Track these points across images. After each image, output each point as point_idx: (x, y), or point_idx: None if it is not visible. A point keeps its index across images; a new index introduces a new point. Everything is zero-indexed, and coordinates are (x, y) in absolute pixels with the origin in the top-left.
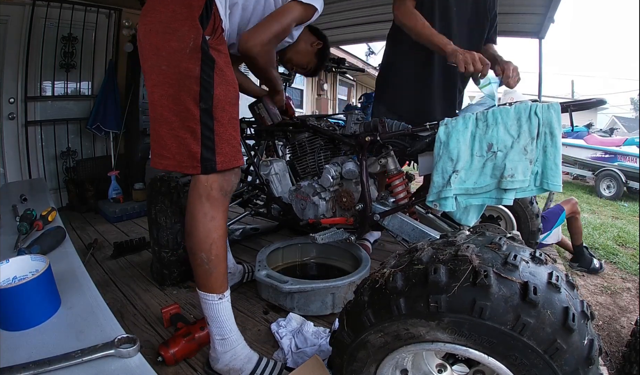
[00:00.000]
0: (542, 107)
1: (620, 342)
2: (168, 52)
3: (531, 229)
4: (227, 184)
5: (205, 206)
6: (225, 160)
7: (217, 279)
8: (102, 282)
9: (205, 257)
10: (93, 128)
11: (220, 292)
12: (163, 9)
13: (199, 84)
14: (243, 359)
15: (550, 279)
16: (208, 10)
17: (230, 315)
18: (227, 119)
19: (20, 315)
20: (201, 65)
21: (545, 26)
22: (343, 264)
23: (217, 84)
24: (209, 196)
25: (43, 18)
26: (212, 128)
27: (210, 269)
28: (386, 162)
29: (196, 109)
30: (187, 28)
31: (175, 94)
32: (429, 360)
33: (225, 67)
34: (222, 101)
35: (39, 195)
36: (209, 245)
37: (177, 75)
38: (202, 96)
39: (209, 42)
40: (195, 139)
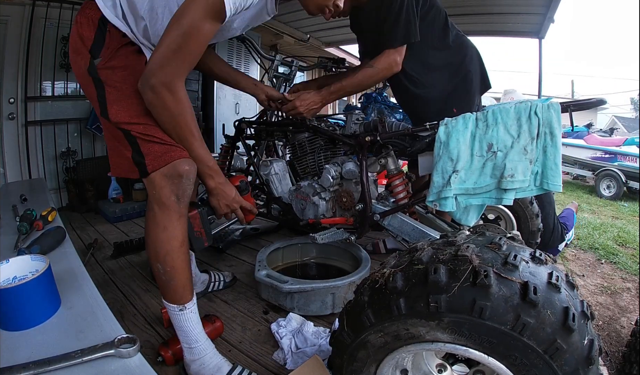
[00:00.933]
0: (542, 107)
1: (620, 342)
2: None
3: (531, 229)
4: (176, 187)
5: (156, 216)
6: (155, 158)
7: (175, 290)
8: (102, 282)
9: (161, 268)
10: (93, 128)
11: (180, 303)
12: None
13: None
14: (212, 368)
15: (550, 279)
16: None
17: (195, 325)
18: (142, 127)
19: (20, 315)
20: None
21: (545, 26)
22: (343, 264)
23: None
24: (159, 203)
25: (43, 18)
26: (130, 133)
27: (167, 280)
28: (386, 162)
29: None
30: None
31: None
32: (429, 360)
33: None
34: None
35: (39, 195)
36: (163, 257)
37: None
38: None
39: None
40: (123, 145)
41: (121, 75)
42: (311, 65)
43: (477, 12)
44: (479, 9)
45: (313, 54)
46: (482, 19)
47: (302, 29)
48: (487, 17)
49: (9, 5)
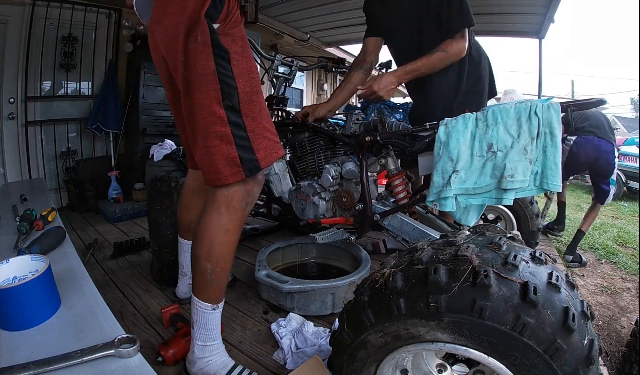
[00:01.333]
0: (542, 107)
1: (620, 342)
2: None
3: (531, 229)
4: (248, 193)
5: (222, 217)
6: (266, 155)
7: (215, 290)
8: (102, 282)
9: (209, 268)
10: (93, 128)
11: (215, 303)
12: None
13: (217, 81)
14: (218, 364)
15: (550, 279)
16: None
17: (217, 325)
18: (257, 110)
19: (20, 315)
20: (214, 58)
21: (545, 26)
22: (343, 264)
23: (237, 75)
24: (228, 207)
25: (43, 18)
26: (243, 125)
27: (212, 280)
28: (386, 162)
29: (220, 109)
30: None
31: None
32: (429, 360)
33: (242, 53)
34: (248, 93)
35: (39, 195)
36: (217, 259)
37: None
38: (225, 94)
39: (219, 30)
40: (227, 143)
41: (241, 45)
42: (311, 65)
43: (477, 12)
44: (479, 9)
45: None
46: (482, 19)
47: (302, 29)
48: (487, 17)
49: (9, 5)
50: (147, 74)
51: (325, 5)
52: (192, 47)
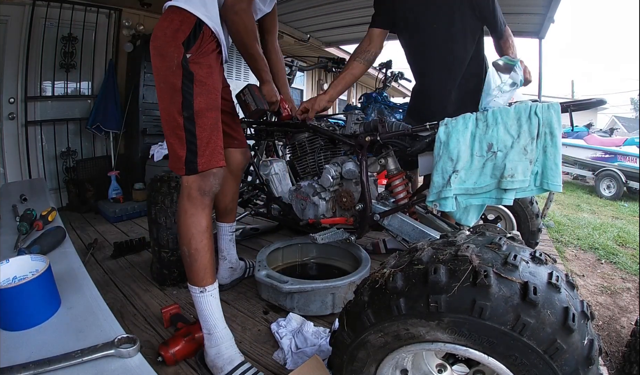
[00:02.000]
0: (542, 107)
1: (620, 342)
2: (162, 71)
3: (531, 229)
4: (205, 184)
5: (185, 204)
6: (205, 162)
7: (197, 272)
8: (102, 282)
9: (186, 250)
10: (93, 128)
11: (201, 285)
12: (159, 35)
13: (181, 95)
14: (226, 359)
15: (550, 279)
16: (196, 32)
17: (215, 311)
18: (210, 124)
19: (20, 315)
20: (182, 79)
21: (545, 26)
22: (343, 264)
23: (196, 94)
24: (189, 196)
25: (43, 18)
26: (195, 133)
27: (191, 262)
28: (386, 162)
29: (180, 117)
30: (172, 49)
31: (167, 107)
32: (429, 360)
33: (207, 78)
34: (203, 109)
35: (39, 195)
36: (188, 240)
37: (168, 90)
38: (184, 106)
39: (190, 59)
40: (181, 144)
41: (206, 71)
42: (311, 65)
43: None
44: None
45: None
46: None
47: (302, 29)
48: None
49: (9, 5)
50: (147, 74)
51: (325, 5)
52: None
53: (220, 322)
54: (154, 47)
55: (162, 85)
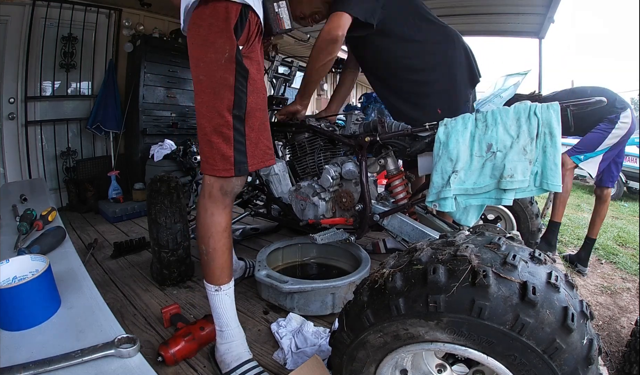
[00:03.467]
0: (542, 107)
1: (620, 342)
2: (206, 64)
3: (531, 229)
4: (227, 184)
5: (206, 203)
6: (255, 162)
7: (214, 271)
8: (102, 282)
9: (204, 249)
10: (93, 128)
11: (217, 284)
12: (202, 23)
13: (233, 93)
14: (234, 355)
15: (550, 279)
16: (243, 20)
17: (228, 309)
18: (258, 124)
19: (20, 315)
20: (235, 75)
21: (545, 26)
22: (343, 264)
23: (249, 92)
24: (210, 194)
25: (43, 18)
26: (244, 133)
27: (208, 260)
28: (386, 162)
29: (229, 115)
30: (223, 40)
31: (211, 102)
32: (428, 360)
33: (257, 75)
34: (254, 108)
35: (39, 195)
36: (207, 239)
37: (214, 84)
38: (236, 104)
39: (243, 52)
40: (227, 144)
41: (256, 68)
42: None
43: (477, 12)
44: (479, 9)
45: None
46: (482, 19)
47: (302, 29)
48: (487, 17)
49: (9, 5)
50: (147, 74)
51: None
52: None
53: (233, 320)
54: (196, 35)
55: (204, 79)
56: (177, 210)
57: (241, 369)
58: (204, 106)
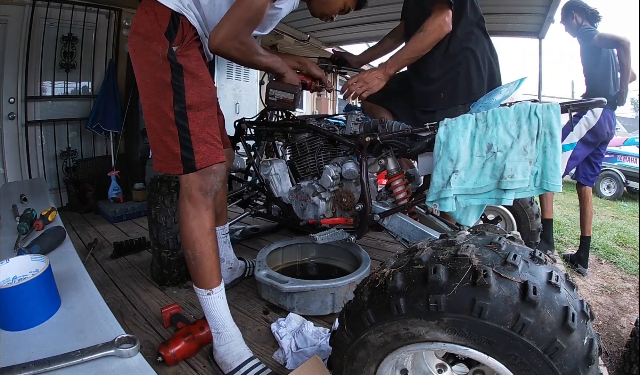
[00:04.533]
0: (542, 107)
1: (620, 342)
2: (147, 67)
3: (531, 229)
4: (205, 183)
5: (187, 206)
6: (203, 158)
7: (203, 275)
8: (102, 282)
9: (190, 254)
10: (93, 128)
11: (207, 287)
12: (140, 30)
13: (171, 90)
14: (235, 355)
15: (550, 279)
16: (175, 23)
17: (223, 311)
18: (203, 118)
19: (20, 315)
20: (171, 72)
21: (545, 26)
22: (343, 264)
23: (188, 86)
24: (190, 196)
25: (43, 18)
26: (188, 128)
27: (196, 265)
28: (386, 162)
29: (171, 112)
30: (156, 43)
31: (156, 103)
32: (428, 360)
33: (197, 70)
34: (196, 102)
35: (39, 195)
36: (193, 243)
37: (155, 85)
38: (176, 100)
39: (176, 52)
40: (175, 141)
41: (195, 64)
42: None
43: None
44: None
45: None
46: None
47: (302, 29)
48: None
49: (9, 5)
50: None
51: None
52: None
53: (229, 320)
54: (134, 43)
55: (148, 81)
56: (177, 210)
57: (244, 367)
58: (153, 107)
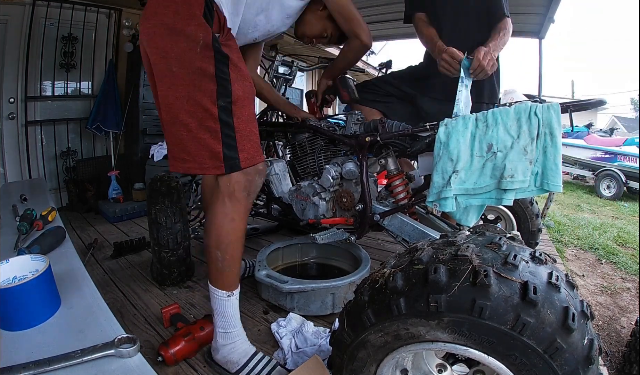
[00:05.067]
0: (542, 107)
1: (620, 342)
2: (177, 54)
3: (531, 229)
4: (250, 183)
5: (227, 207)
6: (248, 157)
7: (229, 277)
8: (102, 282)
9: (220, 256)
10: (93, 128)
11: (230, 290)
12: (165, 11)
13: (215, 82)
14: (241, 352)
15: (550, 279)
16: (210, 9)
17: (236, 311)
18: (247, 115)
19: (20, 315)
20: (215, 63)
21: (545, 26)
22: (343, 264)
23: (234, 80)
24: (231, 197)
25: (43, 18)
26: (233, 125)
27: (224, 267)
28: (386, 162)
29: (214, 107)
30: (194, 27)
31: (190, 95)
32: (429, 360)
33: (239, 63)
34: (241, 97)
35: (39, 195)
36: (225, 246)
37: (191, 75)
38: (220, 93)
39: (219, 40)
40: (215, 139)
41: (237, 56)
42: (311, 65)
43: None
44: None
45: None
46: None
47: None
48: None
49: (9, 5)
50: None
51: None
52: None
53: (238, 320)
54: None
55: (177, 71)
56: (178, 210)
57: (252, 362)
58: (186, 101)
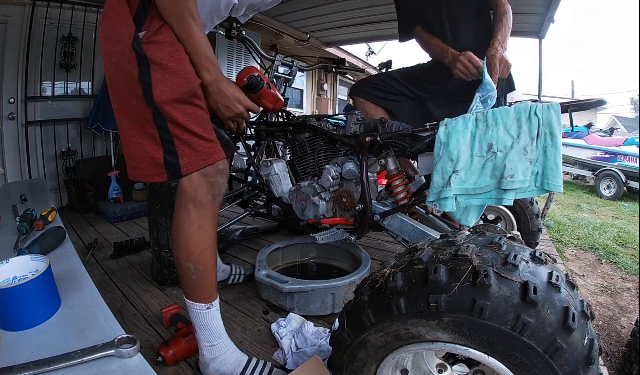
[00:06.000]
0: (542, 107)
1: (620, 342)
2: (115, 57)
3: (531, 229)
4: (212, 186)
5: (191, 214)
6: (190, 163)
7: (204, 289)
8: (102, 282)
9: (192, 268)
10: (93, 128)
11: (208, 301)
12: (109, 13)
13: (140, 87)
14: (233, 362)
15: (550, 279)
16: (146, 6)
17: (218, 322)
18: (181, 116)
19: (20, 315)
20: (137, 65)
21: (545, 26)
22: (343, 264)
23: (156, 82)
24: (195, 202)
25: (43, 18)
26: (168, 130)
27: (198, 279)
28: (386, 162)
29: (148, 111)
30: (124, 28)
31: (128, 100)
32: (429, 360)
33: (168, 59)
34: (168, 99)
35: (39, 195)
36: (196, 256)
37: (125, 79)
38: (146, 99)
39: (142, 39)
40: (156, 144)
41: (168, 50)
42: (311, 65)
43: None
44: None
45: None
46: None
47: (302, 29)
48: None
49: (9, 5)
50: None
51: (325, 5)
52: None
53: (223, 330)
54: (101, 29)
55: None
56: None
57: (248, 370)
58: (125, 106)
